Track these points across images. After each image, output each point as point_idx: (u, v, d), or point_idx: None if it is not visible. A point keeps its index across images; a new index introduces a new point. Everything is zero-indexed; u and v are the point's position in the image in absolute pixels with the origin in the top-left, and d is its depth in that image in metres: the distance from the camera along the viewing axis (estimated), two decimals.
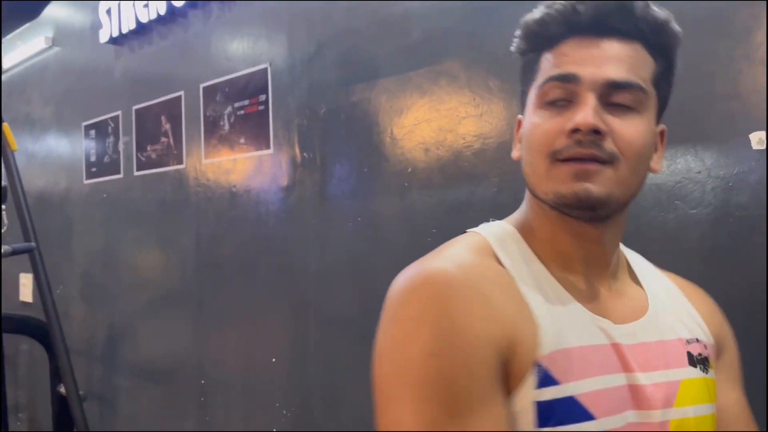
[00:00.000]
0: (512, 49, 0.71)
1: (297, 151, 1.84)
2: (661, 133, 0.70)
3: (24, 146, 3.15)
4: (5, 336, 2.03)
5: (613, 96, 0.63)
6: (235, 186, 2.06)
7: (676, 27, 0.66)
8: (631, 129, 0.63)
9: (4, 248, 1.65)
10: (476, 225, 0.74)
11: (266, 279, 1.96)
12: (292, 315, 1.88)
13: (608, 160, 0.62)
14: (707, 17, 1.07)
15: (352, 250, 1.70)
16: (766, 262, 1.06)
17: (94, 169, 2.80)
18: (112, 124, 2.66)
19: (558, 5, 0.65)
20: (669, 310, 0.71)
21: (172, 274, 2.35)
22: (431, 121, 1.51)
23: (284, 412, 1.89)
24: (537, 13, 0.67)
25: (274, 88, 1.90)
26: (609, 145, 0.62)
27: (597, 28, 0.64)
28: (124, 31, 2.44)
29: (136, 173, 2.51)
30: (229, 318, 2.10)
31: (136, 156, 2.51)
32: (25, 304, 3.20)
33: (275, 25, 1.91)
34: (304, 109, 1.82)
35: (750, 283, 1.03)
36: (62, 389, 2.68)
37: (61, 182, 3.00)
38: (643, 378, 0.63)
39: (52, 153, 3.10)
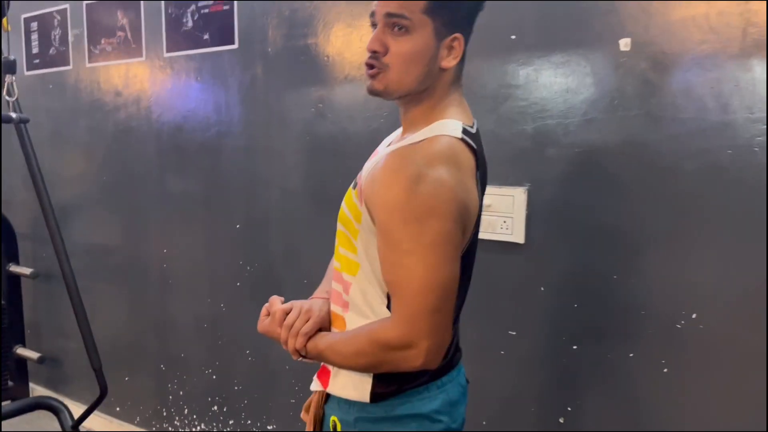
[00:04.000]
0: None
1: (262, 46, 2.14)
2: (452, 41, 1.04)
3: None
4: None
5: (392, 22, 1.01)
6: (198, 77, 2.33)
7: None
8: (400, 46, 1.02)
9: (13, 115, 1.87)
10: None
11: (229, 159, 2.28)
12: (254, 188, 2.23)
13: (382, 68, 1.04)
14: None
15: (311, 131, 2.07)
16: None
17: (36, 61, 2.90)
18: (59, 18, 2.77)
19: None
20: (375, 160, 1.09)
21: (131, 159, 2.59)
22: None
23: (248, 268, 2.27)
24: None
25: None
26: (385, 58, 1.03)
27: None
28: None
29: (89, 65, 2.68)
30: (192, 194, 2.41)
31: (89, 48, 2.67)
32: None
33: None
34: (268, 11, 2.11)
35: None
36: (12, 268, 2.90)
37: None
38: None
39: None
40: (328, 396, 1.18)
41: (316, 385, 1.20)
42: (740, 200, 1.38)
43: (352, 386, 1.11)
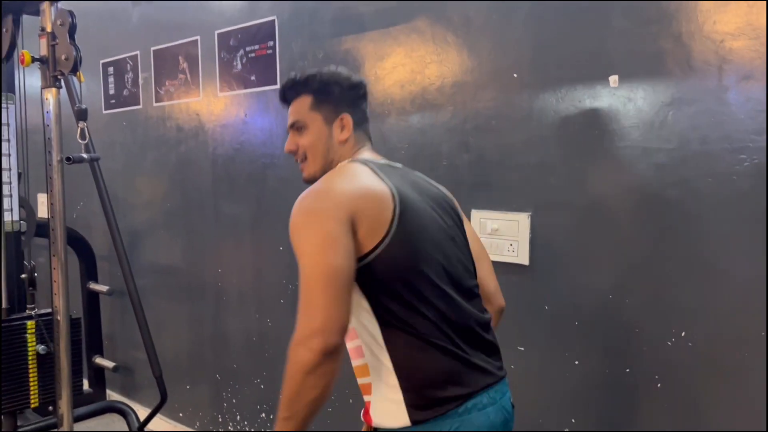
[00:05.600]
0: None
1: None
2: (341, 120, 1.31)
3: None
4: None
5: (295, 127, 1.32)
6: (247, 114, 2.58)
7: (322, 76, 1.30)
8: (305, 140, 1.31)
9: (85, 155, 2.17)
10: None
11: (273, 187, 2.52)
12: None
13: (304, 159, 1.33)
14: None
15: None
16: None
17: (113, 101, 3.26)
18: (131, 63, 3.12)
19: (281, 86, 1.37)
20: None
21: (190, 188, 2.88)
22: (405, 65, 2.06)
23: (290, 286, 2.49)
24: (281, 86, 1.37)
25: (281, 37, 2.41)
26: (301, 151, 1.32)
27: (289, 97, 1.34)
28: None
29: (155, 104, 3.00)
30: (242, 219, 2.66)
31: (155, 90, 2.99)
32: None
33: None
34: (305, 54, 2.35)
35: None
36: (91, 286, 3.23)
37: None
38: None
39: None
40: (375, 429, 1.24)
41: (365, 426, 1.29)
42: (721, 225, 1.47)
43: (390, 415, 1.19)
